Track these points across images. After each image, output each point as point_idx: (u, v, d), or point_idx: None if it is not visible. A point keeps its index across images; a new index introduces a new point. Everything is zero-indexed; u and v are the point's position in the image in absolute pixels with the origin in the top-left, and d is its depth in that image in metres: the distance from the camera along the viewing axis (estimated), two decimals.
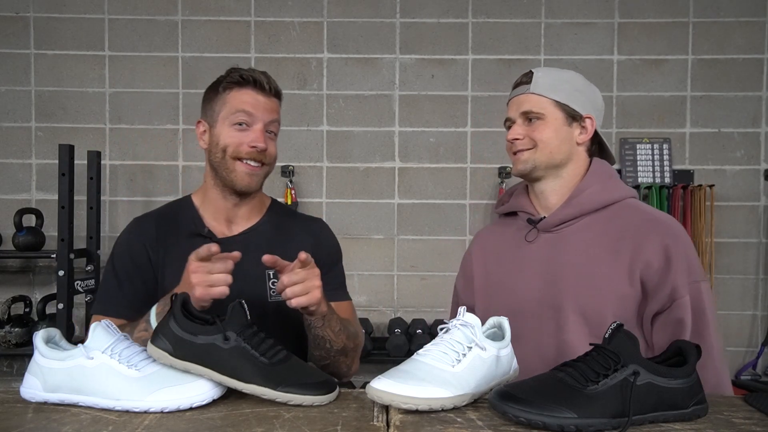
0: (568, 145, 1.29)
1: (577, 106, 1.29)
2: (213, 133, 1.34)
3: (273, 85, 1.34)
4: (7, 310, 2.71)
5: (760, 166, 3.00)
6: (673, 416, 0.87)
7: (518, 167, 1.31)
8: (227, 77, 1.33)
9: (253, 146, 1.30)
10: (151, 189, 2.98)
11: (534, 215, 1.33)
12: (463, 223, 3.02)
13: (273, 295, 1.32)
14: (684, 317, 1.17)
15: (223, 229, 1.36)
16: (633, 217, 1.26)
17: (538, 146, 1.28)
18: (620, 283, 1.20)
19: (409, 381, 0.88)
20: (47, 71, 3.00)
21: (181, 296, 0.96)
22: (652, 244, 1.20)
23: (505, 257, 1.36)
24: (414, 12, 3.02)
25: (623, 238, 1.23)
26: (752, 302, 3.01)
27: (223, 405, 0.93)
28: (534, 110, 1.28)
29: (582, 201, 1.28)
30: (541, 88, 1.29)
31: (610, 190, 1.29)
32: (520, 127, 1.30)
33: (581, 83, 1.33)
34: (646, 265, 1.19)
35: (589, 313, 1.21)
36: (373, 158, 3.03)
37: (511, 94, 1.35)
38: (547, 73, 1.31)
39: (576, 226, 1.28)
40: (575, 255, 1.25)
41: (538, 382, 0.87)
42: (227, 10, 3.02)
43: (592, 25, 3.01)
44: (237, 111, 1.30)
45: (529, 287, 1.28)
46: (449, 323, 0.97)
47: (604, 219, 1.27)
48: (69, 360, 0.92)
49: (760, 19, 2.98)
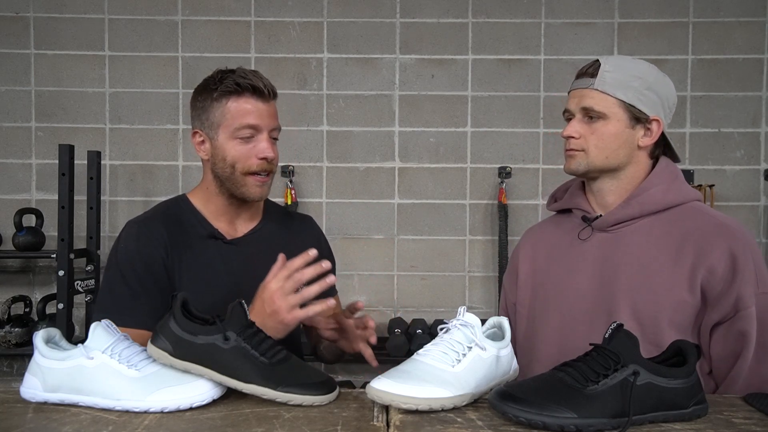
0: (628, 149, 1.21)
1: (645, 107, 1.19)
2: (216, 146, 1.30)
3: (270, 87, 1.30)
4: (7, 310, 2.71)
5: (760, 166, 3.00)
6: (673, 416, 0.87)
7: (570, 167, 1.23)
8: (221, 84, 1.27)
9: (263, 157, 1.27)
10: (151, 189, 2.98)
11: (590, 213, 1.26)
12: (463, 223, 3.02)
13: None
14: (748, 329, 1.10)
15: (228, 230, 1.36)
16: (698, 220, 1.18)
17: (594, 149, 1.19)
18: (679, 289, 1.13)
19: (409, 381, 0.88)
20: (47, 71, 3.00)
21: (181, 296, 0.96)
22: (718, 250, 1.13)
23: (556, 255, 1.29)
24: (414, 12, 3.02)
25: (686, 242, 1.16)
26: None
27: (223, 405, 0.93)
28: (596, 109, 1.19)
29: (643, 201, 1.20)
30: (608, 85, 1.18)
31: (674, 191, 1.21)
32: (579, 123, 1.21)
33: (653, 79, 1.21)
34: (709, 272, 1.12)
35: (644, 318, 1.14)
36: (373, 158, 3.03)
37: (574, 84, 1.25)
38: (616, 65, 1.20)
39: (635, 226, 1.20)
40: (632, 257, 1.18)
41: (538, 382, 0.87)
42: (227, 10, 3.02)
43: (592, 25, 3.01)
44: (241, 125, 1.26)
45: (581, 287, 1.21)
46: (449, 323, 0.97)
47: (665, 221, 1.19)
48: (69, 360, 0.92)
49: (760, 19, 2.98)
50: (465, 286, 3.03)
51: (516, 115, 2.95)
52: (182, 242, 1.31)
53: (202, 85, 1.32)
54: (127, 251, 1.29)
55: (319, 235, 1.52)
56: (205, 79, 1.32)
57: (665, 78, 1.25)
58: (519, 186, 2.98)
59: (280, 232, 1.42)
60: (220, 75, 1.29)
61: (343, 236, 2.97)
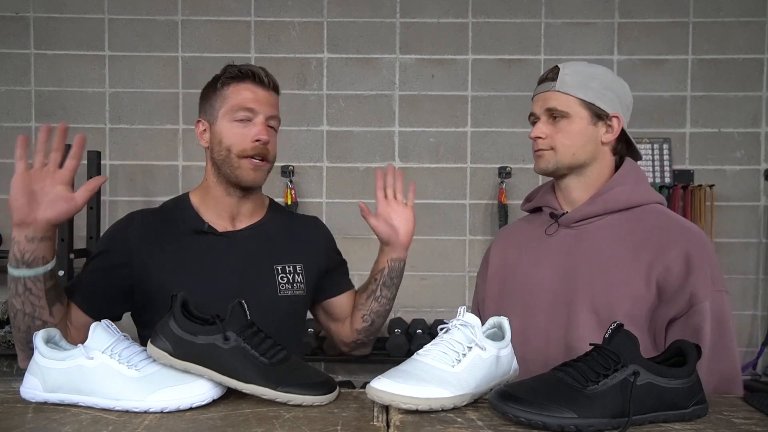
0: (592, 145, 1.28)
1: (604, 104, 1.26)
2: (214, 131, 1.33)
3: (271, 78, 1.33)
4: (7, 311, 2.71)
5: (760, 166, 3.00)
6: (673, 416, 0.87)
7: (540, 166, 1.30)
8: (224, 73, 1.32)
9: (257, 140, 1.29)
10: (151, 189, 2.98)
11: (557, 210, 1.33)
12: (463, 223, 3.02)
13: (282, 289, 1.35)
14: (702, 324, 1.15)
15: (226, 225, 1.36)
16: (659, 221, 1.25)
17: (561, 146, 1.26)
18: (636, 284, 1.19)
19: (409, 381, 0.88)
20: (47, 71, 3.00)
21: (181, 296, 0.96)
22: (675, 250, 1.18)
23: (525, 250, 1.35)
24: (414, 12, 3.02)
25: (646, 241, 1.21)
26: (752, 302, 3.01)
27: (223, 405, 0.93)
28: (559, 108, 1.26)
29: (608, 199, 1.26)
30: (568, 86, 1.26)
31: (638, 192, 1.28)
32: (545, 125, 1.28)
33: (610, 79, 1.29)
34: (665, 269, 1.18)
35: (601, 310, 1.20)
36: (373, 158, 3.03)
37: (537, 89, 1.33)
38: (575, 69, 1.28)
39: (598, 223, 1.27)
40: (593, 252, 1.24)
41: (538, 382, 0.87)
42: (227, 10, 3.02)
43: (592, 25, 3.01)
44: (237, 106, 1.29)
45: (544, 280, 1.27)
46: (449, 323, 0.97)
47: (628, 220, 1.25)
48: (69, 360, 0.92)
49: (760, 19, 2.98)
50: (465, 286, 3.03)
51: (516, 115, 2.95)
52: (168, 237, 1.31)
53: (211, 79, 1.37)
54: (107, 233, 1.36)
55: (326, 235, 1.51)
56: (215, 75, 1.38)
57: (621, 80, 1.32)
58: (519, 186, 2.98)
59: (282, 230, 1.42)
60: (227, 67, 1.34)
61: (343, 236, 2.96)
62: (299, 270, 1.38)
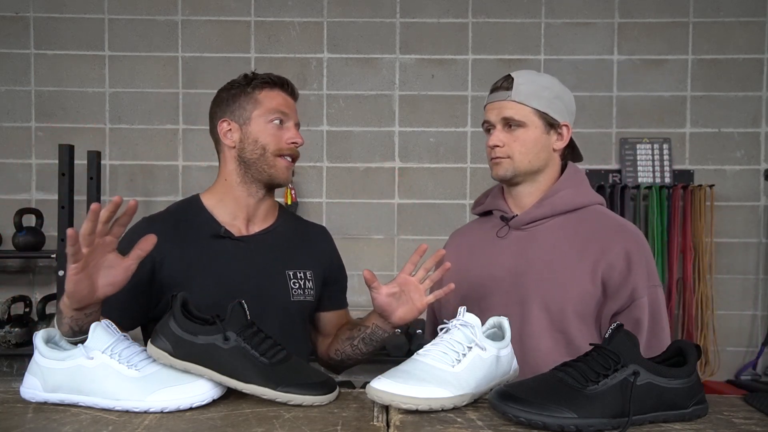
0: (546, 153, 1.34)
1: (555, 114, 1.32)
2: (247, 131, 1.37)
3: (296, 90, 1.44)
4: (7, 310, 2.71)
5: (760, 166, 3.00)
6: (673, 416, 0.87)
7: (499, 173, 1.35)
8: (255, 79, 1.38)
9: (293, 142, 1.37)
10: (151, 189, 2.98)
11: (507, 213, 1.38)
12: (463, 223, 3.00)
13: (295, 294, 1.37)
14: (641, 317, 1.24)
15: (240, 228, 1.38)
16: (601, 222, 1.34)
17: (518, 154, 1.32)
18: (583, 281, 1.26)
19: (409, 381, 0.88)
20: (47, 71, 3.00)
21: (181, 296, 0.96)
22: (616, 248, 1.27)
23: (477, 252, 1.41)
24: (414, 12, 3.02)
25: (590, 241, 1.29)
26: (752, 302, 3.01)
27: (223, 405, 0.93)
28: (516, 118, 1.31)
29: (554, 202, 1.34)
30: (523, 96, 1.31)
31: (581, 194, 1.36)
32: (501, 133, 1.33)
33: (559, 89, 1.35)
34: (609, 266, 1.26)
35: (552, 307, 1.27)
36: (373, 158, 3.03)
37: (490, 97, 1.37)
38: (528, 79, 1.33)
39: (546, 225, 1.34)
40: (543, 252, 1.31)
41: (538, 382, 0.87)
42: (227, 10, 3.02)
43: (592, 25, 3.01)
44: (274, 110, 1.36)
45: (497, 279, 1.33)
46: (449, 323, 0.97)
47: (573, 221, 1.33)
48: (69, 360, 0.92)
49: (760, 19, 2.98)
50: None
51: None
52: (186, 241, 1.33)
53: (229, 83, 1.41)
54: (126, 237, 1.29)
55: (333, 247, 1.54)
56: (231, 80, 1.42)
57: (566, 89, 1.39)
58: None
59: (294, 236, 1.45)
60: (252, 74, 1.41)
61: (343, 236, 2.96)
62: (309, 276, 1.41)
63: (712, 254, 2.91)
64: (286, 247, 1.41)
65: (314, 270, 1.42)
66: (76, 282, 1.00)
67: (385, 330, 1.34)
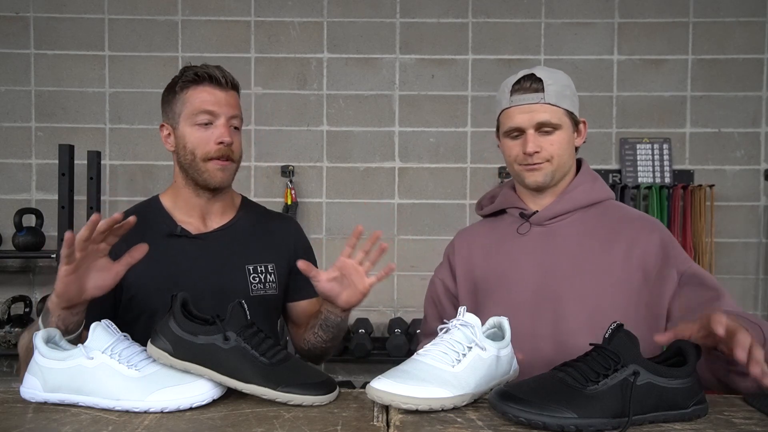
0: (573, 152, 1.33)
1: (576, 111, 1.31)
2: (178, 135, 1.33)
3: (229, 78, 1.33)
4: (7, 310, 2.71)
5: (760, 166, 3.00)
6: (673, 416, 0.87)
7: (538, 180, 1.28)
8: (182, 77, 1.32)
9: (220, 142, 1.29)
10: (151, 189, 2.98)
11: (527, 210, 1.34)
12: (463, 223, 3.02)
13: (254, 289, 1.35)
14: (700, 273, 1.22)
15: (198, 226, 1.36)
16: (622, 213, 1.33)
17: (557, 158, 1.27)
18: (617, 270, 1.24)
19: (409, 381, 0.88)
20: (47, 71, 3.00)
21: (181, 296, 0.96)
22: (647, 235, 1.27)
23: (495, 251, 1.35)
24: (414, 12, 3.02)
25: (617, 231, 1.29)
26: (752, 302, 3.01)
27: (223, 405, 0.93)
28: (552, 121, 1.25)
29: (573, 197, 1.32)
30: (554, 97, 1.25)
31: (597, 189, 1.35)
32: (536, 137, 1.26)
33: (572, 84, 1.33)
34: (644, 252, 1.25)
35: (588, 299, 1.23)
36: (373, 158, 3.03)
37: (517, 99, 1.27)
38: (552, 77, 1.27)
39: (567, 220, 1.31)
40: (570, 245, 1.28)
41: (538, 382, 0.87)
42: (227, 10, 3.02)
43: (592, 25, 3.01)
44: (198, 110, 1.29)
45: (524, 277, 1.28)
46: (449, 323, 0.97)
47: (592, 215, 1.32)
48: (69, 360, 0.92)
49: (760, 19, 2.98)
50: None
51: None
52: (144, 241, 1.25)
53: (170, 82, 1.36)
54: None
55: (298, 235, 1.50)
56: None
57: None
58: None
59: (254, 230, 1.42)
60: (184, 69, 1.34)
61: (343, 236, 2.97)
62: (271, 269, 1.38)
63: (712, 254, 2.91)
64: (246, 241, 1.38)
65: (277, 262, 1.40)
66: (67, 283, 1.04)
67: (337, 315, 1.31)
